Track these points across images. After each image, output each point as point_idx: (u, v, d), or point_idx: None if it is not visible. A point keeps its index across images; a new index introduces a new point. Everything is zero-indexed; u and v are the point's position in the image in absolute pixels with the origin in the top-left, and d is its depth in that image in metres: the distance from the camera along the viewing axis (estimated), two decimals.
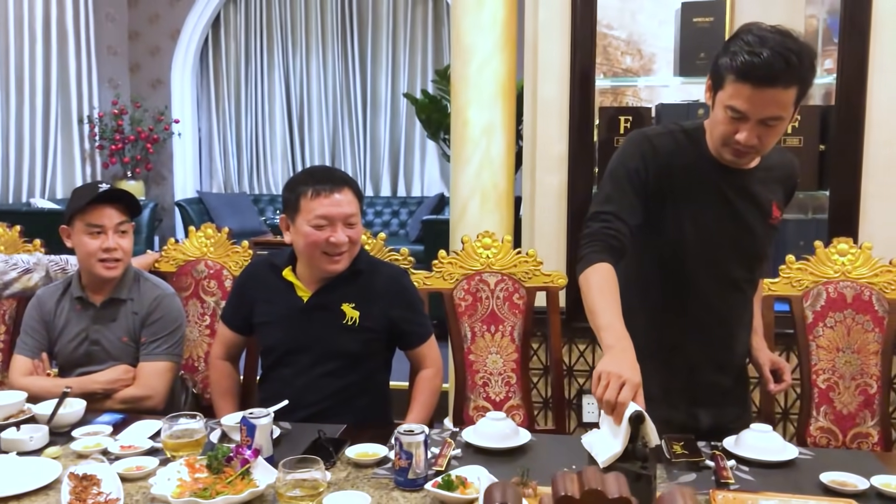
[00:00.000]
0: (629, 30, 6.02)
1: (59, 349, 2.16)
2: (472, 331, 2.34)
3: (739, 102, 1.51)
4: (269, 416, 1.60)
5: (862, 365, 2.16)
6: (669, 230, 1.69)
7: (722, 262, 1.71)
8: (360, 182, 7.78)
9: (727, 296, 1.74)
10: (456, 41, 3.35)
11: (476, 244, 2.37)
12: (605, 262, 1.59)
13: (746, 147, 1.57)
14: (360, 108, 7.73)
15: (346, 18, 7.62)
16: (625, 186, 1.66)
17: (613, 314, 1.50)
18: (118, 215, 2.13)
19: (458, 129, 3.36)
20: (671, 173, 1.67)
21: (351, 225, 1.96)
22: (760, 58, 1.46)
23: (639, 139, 1.71)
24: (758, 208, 1.71)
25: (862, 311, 2.16)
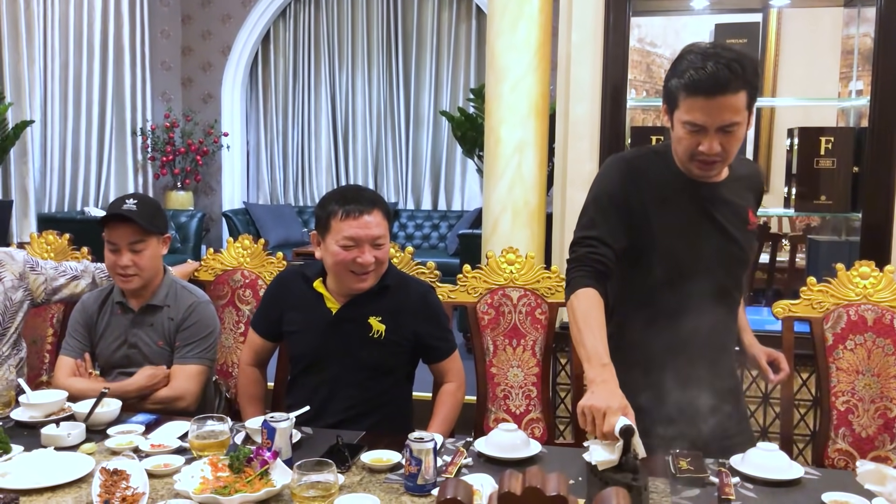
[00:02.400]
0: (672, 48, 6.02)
1: (100, 351, 2.27)
2: (494, 344, 2.39)
3: (695, 115, 1.60)
4: (289, 420, 1.68)
5: (882, 388, 2.15)
6: (657, 246, 1.75)
7: (711, 272, 1.76)
8: (401, 195, 7.90)
9: (718, 304, 1.78)
10: (490, 61, 3.43)
11: (500, 259, 2.43)
12: (589, 288, 1.67)
13: (711, 156, 1.64)
14: (402, 124, 7.85)
15: (392, 36, 7.75)
16: (608, 211, 1.74)
17: (595, 344, 1.58)
18: (131, 234, 2.17)
19: (491, 147, 3.44)
20: (651, 192, 1.74)
21: (378, 246, 2.03)
22: (706, 70, 1.56)
23: (617, 163, 1.80)
24: (736, 216, 1.78)
25: (883, 335, 2.16)
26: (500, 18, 3.34)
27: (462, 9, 7.62)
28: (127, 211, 2.17)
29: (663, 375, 1.77)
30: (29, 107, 6.31)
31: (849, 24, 3.30)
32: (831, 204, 2.99)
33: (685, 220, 1.75)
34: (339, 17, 7.87)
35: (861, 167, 2.92)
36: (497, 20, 3.36)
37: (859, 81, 3.05)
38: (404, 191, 7.90)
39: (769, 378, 1.86)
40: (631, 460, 1.36)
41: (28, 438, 1.79)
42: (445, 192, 7.83)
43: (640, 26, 5.60)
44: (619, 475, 1.34)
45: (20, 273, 2.34)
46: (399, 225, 7.58)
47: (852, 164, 2.96)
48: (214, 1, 7.88)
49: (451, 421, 2.12)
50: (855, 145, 2.95)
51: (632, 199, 1.74)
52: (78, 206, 7.03)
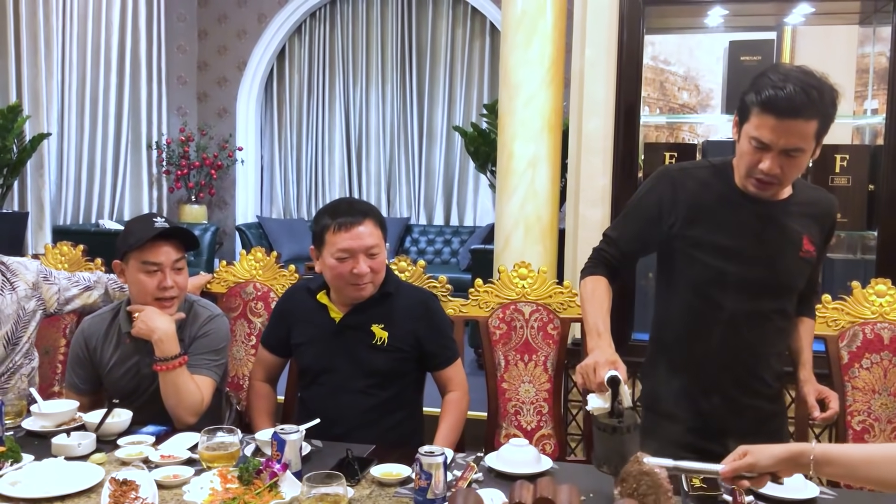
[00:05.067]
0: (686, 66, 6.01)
1: (108, 383, 2.18)
2: (506, 359, 2.38)
3: (763, 133, 1.60)
4: (299, 432, 1.67)
5: None
6: (696, 260, 1.76)
7: (750, 292, 1.75)
8: (414, 210, 7.91)
9: (756, 326, 1.77)
10: (504, 76, 3.44)
11: (512, 274, 2.43)
12: (597, 275, 1.82)
13: (769, 176, 1.64)
14: (416, 139, 7.87)
15: (406, 52, 7.80)
16: (634, 217, 1.84)
17: (595, 318, 1.72)
18: (175, 252, 2.10)
19: (504, 162, 3.44)
20: (693, 205, 1.75)
21: (373, 255, 2.04)
22: (784, 91, 1.56)
23: (661, 174, 1.84)
24: (787, 239, 1.76)
25: None
26: (514, 34, 3.35)
27: (476, 25, 7.66)
28: (173, 227, 2.10)
29: (694, 393, 1.78)
30: (46, 120, 6.38)
31: (864, 42, 3.29)
32: (846, 222, 2.96)
33: (730, 235, 1.75)
34: (354, 33, 7.93)
35: (876, 185, 2.90)
36: (511, 36, 3.37)
37: (874, 100, 3.03)
38: (417, 206, 7.92)
39: (814, 415, 1.83)
40: (618, 407, 1.51)
41: (39, 448, 1.79)
42: (458, 208, 7.85)
43: (654, 44, 5.61)
44: (607, 420, 1.51)
45: (33, 283, 2.35)
46: (411, 240, 7.58)
47: (868, 182, 2.94)
48: (231, 17, 7.96)
49: (458, 430, 2.11)
50: (870, 163, 2.93)
51: (667, 213, 1.77)
52: (93, 218, 7.08)
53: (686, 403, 1.78)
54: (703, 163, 1.86)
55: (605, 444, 1.49)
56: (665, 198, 1.77)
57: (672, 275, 1.83)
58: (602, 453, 1.51)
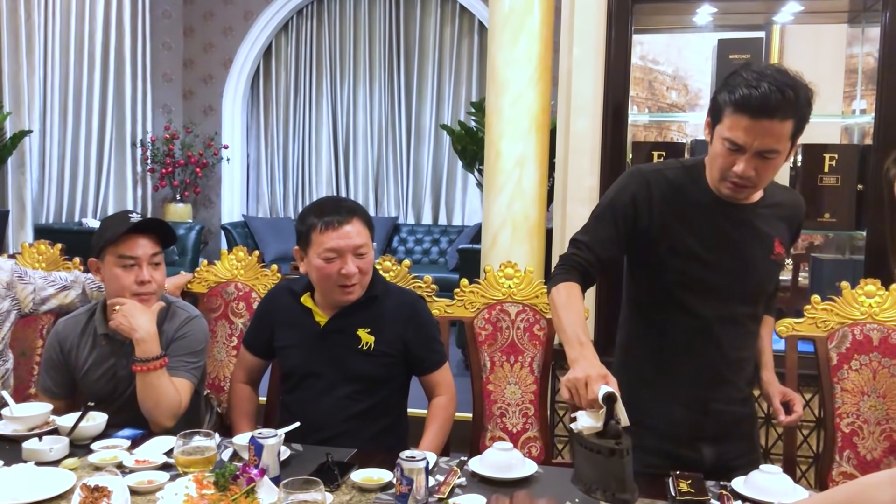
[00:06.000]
0: (675, 65, 5.99)
1: (83, 386, 2.12)
2: (492, 360, 2.35)
3: (737, 134, 1.54)
4: (277, 436, 1.63)
5: (888, 410, 2.10)
6: (668, 265, 1.70)
7: (722, 297, 1.71)
8: (402, 210, 7.86)
9: (728, 331, 1.73)
10: (491, 75, 3.40)
11: (498, 274, 2.39)
12: (570, 281, 1.67)
13: (743, 179, 1.59)
14: (404, 138, 7.82)
15: (394, 50, 7.75)
16: (607, 220, 1.72)
17: (574, 326, 1.58)
18: (152, 246, 2.06)
19: (491, 161, 3.41)
20: (667, 208, 1.69)
21: (361, 255, 2.00)
22: (758, 90, 1.50)
23: (633, 174, 1.75)
24: (759, 243, 1.71)
25: (889, 355, 2.11)
26: (502, 32, 3.31)
27: (464, 24, 7.62)
28: (150, 220, 2.07)
29: (666, 399, 1.73)
30: (28, 117, 6.29)
31: (852, 42, 3.28)
32: (835, 222, 2.95)
33: (702, 240, 1.69)
34: (342, 30, 7.87)
35: (865, 185, 2.88)
36: (498, 34, 3.33)
37: (863, 100, 3.02)
38: (405, 205, 7.87)
39: (780, 419, 1.80)
40: (614, 426, 1.39)
41: (10, 453, 1.74)
42: (446, 207, 7.80)
43: (643, 43, 5.59)
44: (602, 441, 1.39)
45: (7, 282, 2.29)
46: (399, 239, 7.54)
47: (856, 182, 2.93)
48: (216, 14, 7.89)
49: (444, 435, 2.08)
50: (859, 163, 2.91)
51: (642, 214, 1.70)
52: (76, 217, 7.00)
53: (658, 409, 1.74)
54: (674, 163, 1.77)
55: (599, 466, 1.39)
56: (639, 198, 1.70)
57: (643, 280, 1.78)
58: (593, 476, 1.41)
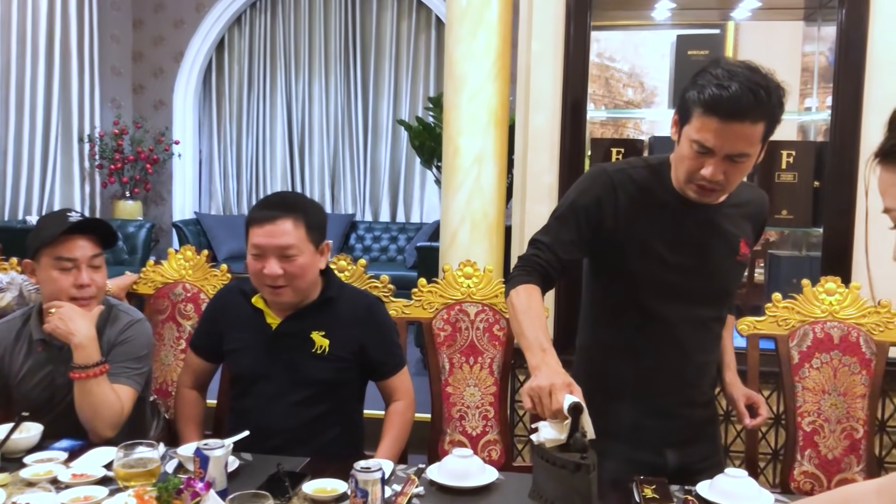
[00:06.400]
0: (631, 62, 6.01)
1: (18, 395, 2.00)
2: (451, 362, 2.28)
3: (706, 136, 1.47)
4: (224, 447, 1.54)
5: (848, 408, 2.09)
6: (633, 268, 1.65)
7: (688, 300, 1.66)
8: (359, 207, 7.75)
9: (693, 333, 1.69)
10: (449, 69, 3.34)
11: (457, 273, 2.33)
12: (530, 284, 1.59)
13: (711, 183, 1.52)
14: (360, 134, 7.72)
15: (350, 44, 7.64)
16: (569, 221, 1.65)
17: (535, 332, 1.51)
18: (92, 247, 1.96)
19: (450, 157, 3.35)
20: (632, 210, 1.63)
21: (288, 257, 1.89)
22: (729, 91, 1.43)
23: (598, 174, 1.68)
24: (725, 244, 1.67)
25: (849, 353, 2.10)
26: (459, 26, 3.25)
27: (421, 18, 7.55)
28: (89, 220, 1.95)
29: (630, 404, 1.69)
30: None
31: (808, 38, 3.29)
32: (792, 219, 2.95)
33: (664, 242, 1.64)
34: (296, 24, 7.73)
35: (822, 182, 2.89)
36: (456, 28, 3.27)
37: (818, 97, 3.03)
38: (362, 202, 7.77)
39: (745, 422, 1.77)
40: (579, 439, 1.32)
41: None
42: (404, 204, 7.73)
43: (600, 40, 5.59)
44: (566, 455, 1.30)
45: None
46: (356, 237, 7.43)
47: (813, 179, 2.93)
48: (167, 6, 7.68)
49: (401, 442, 2.01)
50: (815, 160, 2.91)
51: (606, 216, 1.64)
52: (20, 214, 6.74)
53: (620, 414, 1.68)
54: (638, 162, 1.70)
55: (563, 482, 1.32)
56: (604, 200, 1.63)
57: (606, 283, 1.72)
58: (556, 493, 1.34)
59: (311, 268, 1.94)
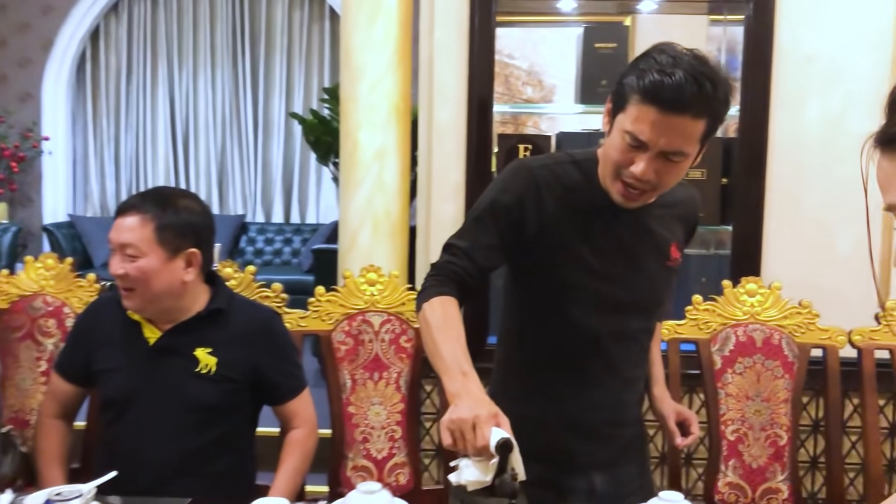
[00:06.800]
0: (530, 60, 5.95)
1: None
2: (353, 378, 2.07)
3: (641, 127, 1.30)
4: (82, 497, 1.28)
5: (772, 414, 2.02)
6: (557, 276, 1.48)
7: (616, 312, 1.50)
8: (249, 207, 7.37)
9: (622, 347, 1.53)
10: (345, 58, 3.12)
11: (359, 280, 2.12)
12: (445, 296, 1.40)
13: (640, 182, 1.36)
14: (251, 129, 7.34)
15: (238, 34, 7.25)
16: (488, 224, 1.46)
17: (454, 352, 1.31)
18: None
19: (348, 153, 3.13)
20: (557, 212, 1.46)
21: (130, 257, 1.69)
22: (672, 79, 1.27)
23: (520, 170, 1.48)
24: (656, 249, 1.51)
25: (772, 357, 2.03)
26: (356, 12, 3.03)
27: (314, 8, 7.25)
28: None
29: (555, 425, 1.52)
30: None
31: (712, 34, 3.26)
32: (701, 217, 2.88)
33: (591, 248, 1.47)
34: (180, 13, 7.27)
35: (730, 179, 2.85)
36: (352, 14, 3.05)
37: None
38: (253, 202, 7.38)
39: (676, 442, 1.63)
40: (508, 481, 1.11)
41: None
42: (299, 204, 7.39)
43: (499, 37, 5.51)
44: (491, 500, 1.10)
45: None
46: (247, 239, 7.05)
47: (721, 176, 2.89)
48: None
49: (300, 475, 1.80)
50: (724, 157, 2.87)
51: (529, 218, 1.45)
52: None
53: (543, 436, 1.49)
54: (564, 157, 1.51)
55: None
56: (527, 200, 1.45)
57: (527, 292, 1.54)
58: None
59: (160, 275, 1.69)
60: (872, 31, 2.65)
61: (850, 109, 2.66)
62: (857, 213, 2.67)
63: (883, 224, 2.67)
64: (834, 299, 2.56)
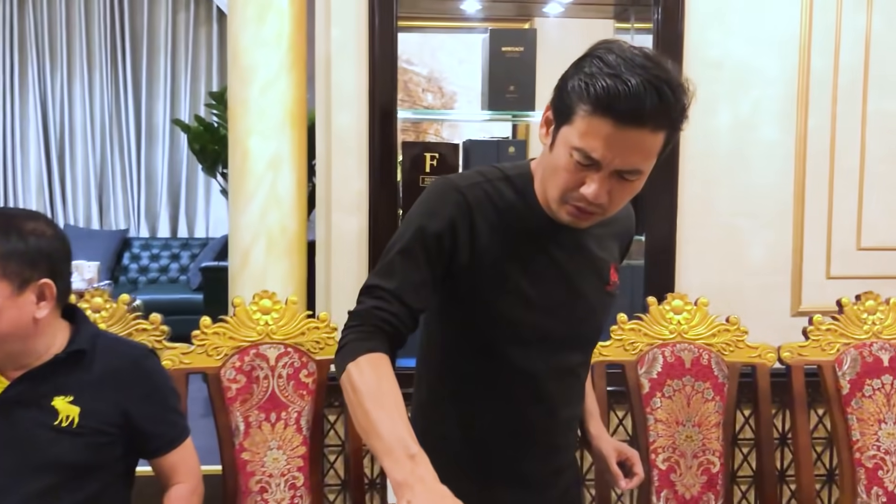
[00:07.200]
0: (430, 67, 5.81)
1: None
2: (247, 421, 1.82)
3: (593, 144, 1.12)
4: None
5: (704, 440, 1.90)
6: (490, 309, 1.29)
7: (553, 346, 1.32)
8: (133, 221, 6.91)
9: (562, 385, 1.36)
10: (234, 58, 2.84)
11: (251, 307, 1.87)
12: (375, 353, 1.17)
13: (592, 206, 1.17)
14: (133, 137, 6.88)
15: (117, 36, 6.79)
16: (417, 256, 1.24)
17: (395, 429, 1.09)
18: None
19: (238, 162, 2.86)
20: (490, 236, 1.27)
21: None
22: (629, 86, 1.08)
23: (447, 191, 1.27)
24: (595, 274, 1.34)
25: (701, 378, 1.91)
26: (244, 7, 2.77)
27: (201, 10, 6.88)
28: None
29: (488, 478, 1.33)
30: None
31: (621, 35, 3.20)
32: None
33: (531, 276, 1.28)
34: (51, 14, 6.75)
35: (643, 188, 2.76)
36: (240, 10, 2.78)
37: None
38: (136, 216, 6.92)
39: (619, 485, 1.45)
40: None
41: None
42: (186, 217, 6.98)
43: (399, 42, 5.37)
44: None
45: None
46: (130, 256, 6.58)
47: None
48: None
49: None
50: None
51: (461, 245, 1.25)
52: None
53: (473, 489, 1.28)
54: (494, 173, 1.31)
55: None
56: (459, 223, 1.25)
57: (454, 326, 1.34)
58: None
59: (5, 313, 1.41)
60: (780, 37, 2.63)
61: (759, 115, 2.63)
62: (769, 219, 2.67)
63: (793, 228, 2.65)
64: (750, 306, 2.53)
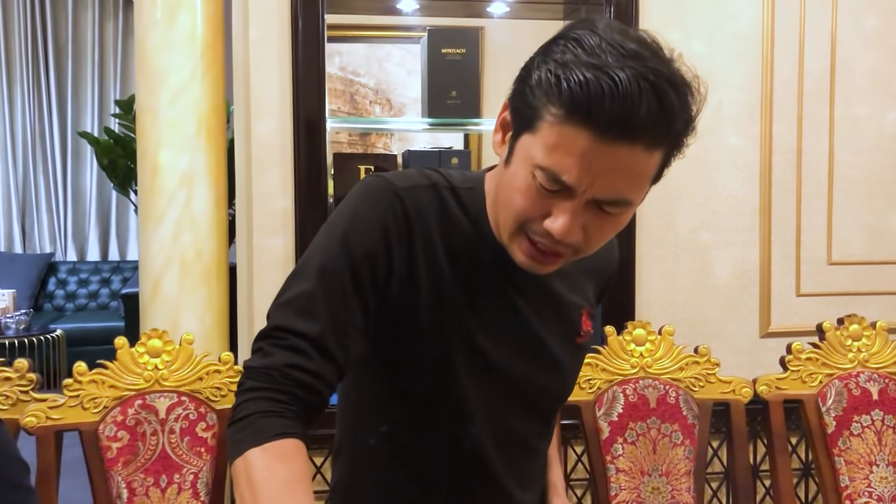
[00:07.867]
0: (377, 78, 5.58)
1: None
2: (130, 487, 1.50)
3: (564, 162, 0.80)
4: None
5: (673, 491, 1.64)
6: (420, 356, 0.97)
7: (507, 411, 1.02)
8: (59, 244, 6.49)
9: (514, 461, 1.05)
10: (141, 62, 2.55)
11: (138, 349, 1.56)
12: (289, 439, 0.83)
13: (559, 245, 0.86)
14: (58, 154, 6.48)
15: (39, 48, 6.41)
16: (344, 284, 0.89)
17: None
18: None
19: (147, 178, 2.55)
20: (431, 256, 0.95)
21: None
22: (615, 84, 0.76)
23: (382, 194, 0.94)
24: (561, 322, 1.04)
25: (668, 419, 1.66)
26: (152, 5, 2.48)
27: (129, 20, 6.53)
28: None
29: None
30: None
31: None
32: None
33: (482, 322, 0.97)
34: None
35: None
36: (147, 8, 2.49)
37: None
38: (63, 238, 6.52)
39: None
40: None
41: None
42: (117, 239, 6.61)
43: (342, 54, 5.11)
44: None
45: None
46: (57, 281, 6.16)
47: None
48: None
49: None
50: None
51: (395, 262, 0.93)
52: None
53: None
54: (438, 179, 0.98)
55: None
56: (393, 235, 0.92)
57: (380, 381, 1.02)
58: None
59: None
60: (741, 39, 2.43)
61: (721, 121, 2.42)
62: (733, 235, 2.45)
63: (760, 242, 2.45)
64: (715, 328, 2.33)
